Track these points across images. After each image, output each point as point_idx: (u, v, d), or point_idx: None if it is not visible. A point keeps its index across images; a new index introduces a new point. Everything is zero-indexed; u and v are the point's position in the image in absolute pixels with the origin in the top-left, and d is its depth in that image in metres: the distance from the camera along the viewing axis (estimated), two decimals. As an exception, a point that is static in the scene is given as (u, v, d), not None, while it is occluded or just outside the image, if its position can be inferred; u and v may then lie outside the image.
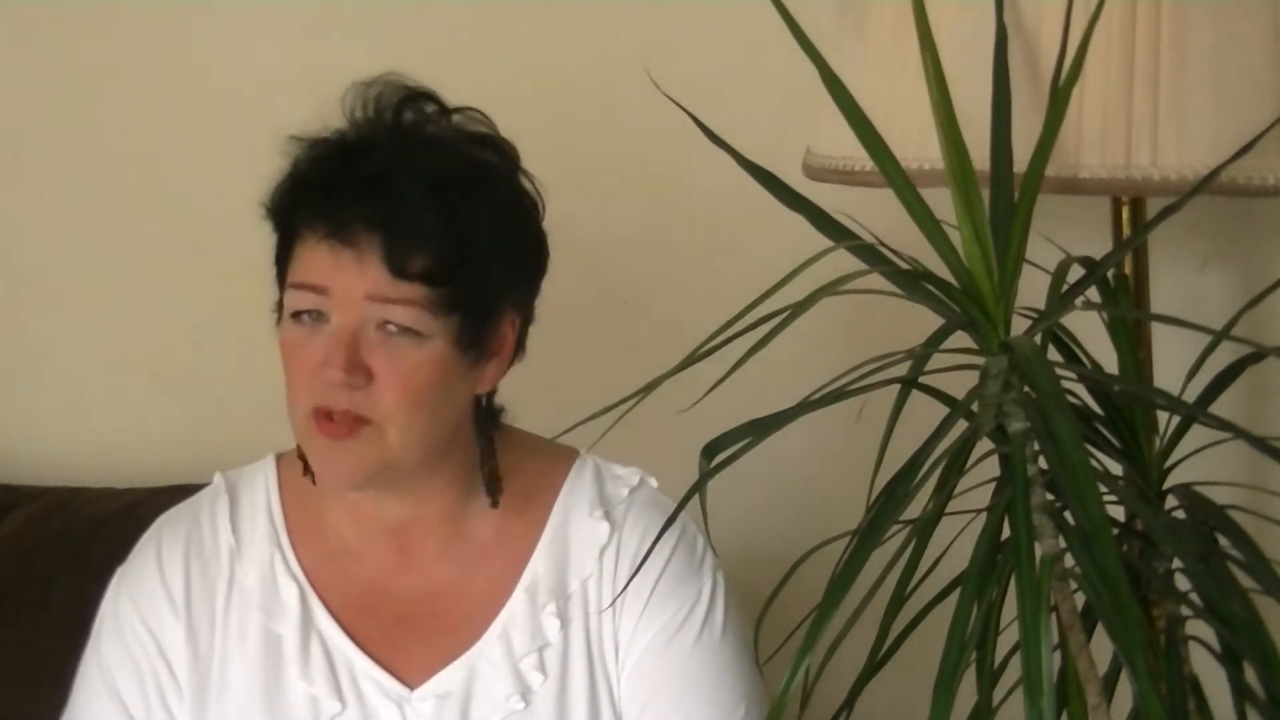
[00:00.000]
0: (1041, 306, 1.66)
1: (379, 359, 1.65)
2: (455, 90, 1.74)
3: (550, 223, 1.76)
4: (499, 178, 1.71)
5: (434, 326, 1.65)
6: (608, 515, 1.77)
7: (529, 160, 1.76)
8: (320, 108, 1.71)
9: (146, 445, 2.39)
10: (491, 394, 1.76)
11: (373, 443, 1.66)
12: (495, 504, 1.75)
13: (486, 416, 1.76)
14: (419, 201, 1.65)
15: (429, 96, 1.72)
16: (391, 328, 1.65)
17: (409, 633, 1.74)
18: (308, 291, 1.66)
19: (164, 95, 2.37)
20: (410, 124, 1.70)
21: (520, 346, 1.75)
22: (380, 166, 1.66)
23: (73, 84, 2.39)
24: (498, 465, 1.76)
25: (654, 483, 1.80)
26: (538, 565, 1.76)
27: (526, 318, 1.75)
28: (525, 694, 1.73)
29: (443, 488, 1.74)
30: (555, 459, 1.80)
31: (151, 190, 2.39)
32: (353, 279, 1.64)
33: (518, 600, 1.75)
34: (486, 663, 1.73)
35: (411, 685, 1.73)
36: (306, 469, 1.75)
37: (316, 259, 1.65)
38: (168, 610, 1.76)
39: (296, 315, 1.67)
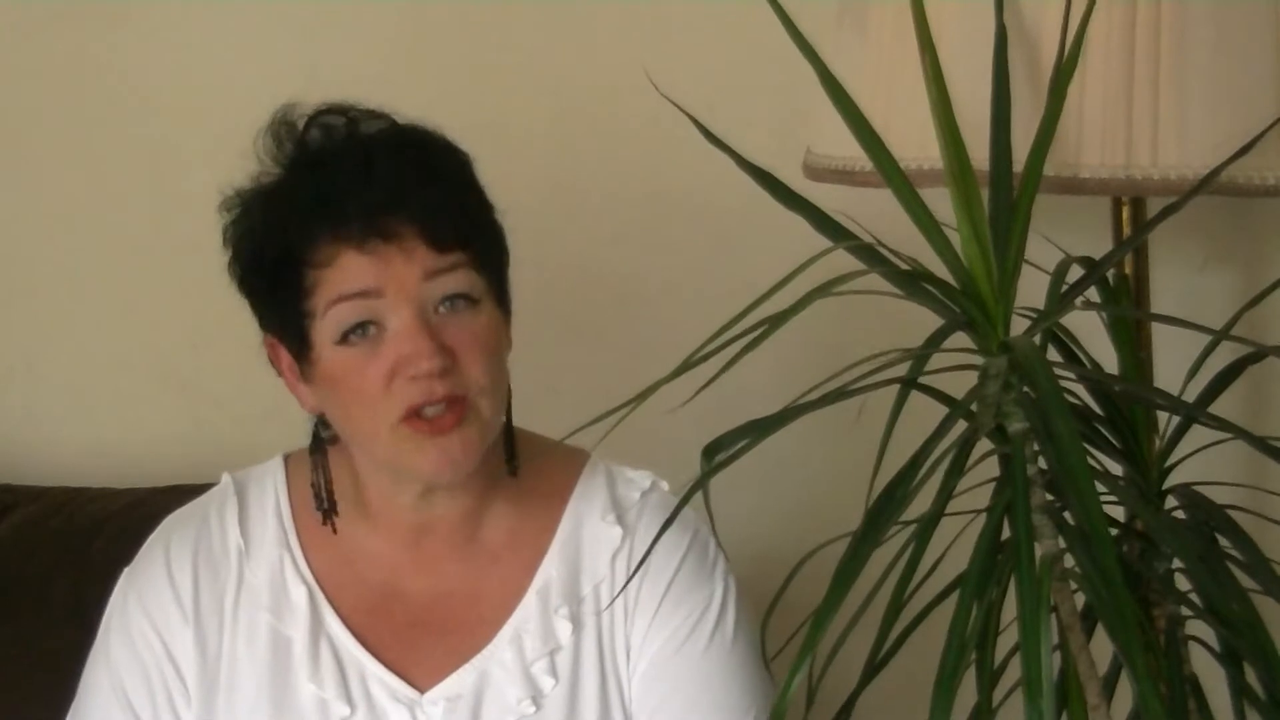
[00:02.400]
0: (1041, 306, 1.66)
1: (452, 335, 1.66)
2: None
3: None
4: (448, 142, 1.73)
5: (481, 287, 1.68)
6: (620, 519, 1.77)
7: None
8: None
9: (147, 445, 2.39)
10: None
11: (474, 422, 1.67)
12: (514, 472, 1.76)
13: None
14: (422, 177, 1.67)
15: (339, 108, 1.71)
16: (446, 305, 1.67)
17: (419, 636, 1.74)
18: (358, 300, 1.65)
19: (164, 95, 2.37)
20: (350, 123, 1.70)
21: None
22: (365, 161, 1.67)
23: (73, 84, 2.39)
24: (515, 437, 1.76)
25: (665, 486, 1.80)
26: (550, 569, 1.76)
27: None
28: (536, 698, 1.73)
29: (468, 486, 1.73)
30: (566, 462, 1.80)
31: (152, 190, 2.39)
32: (404, 269, 1.65)
33: (530, 604, 1.75)
34: (498, 666, 1.73)
35: (422, 688, 1.73)
36: (325, 519, 1.75)
37: (353, 268, 1.65)
38: (176, 612, 1.76)
39: (344, 339, 1.66)
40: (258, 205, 1.71)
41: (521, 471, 1.77)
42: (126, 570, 1.80)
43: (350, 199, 1.65)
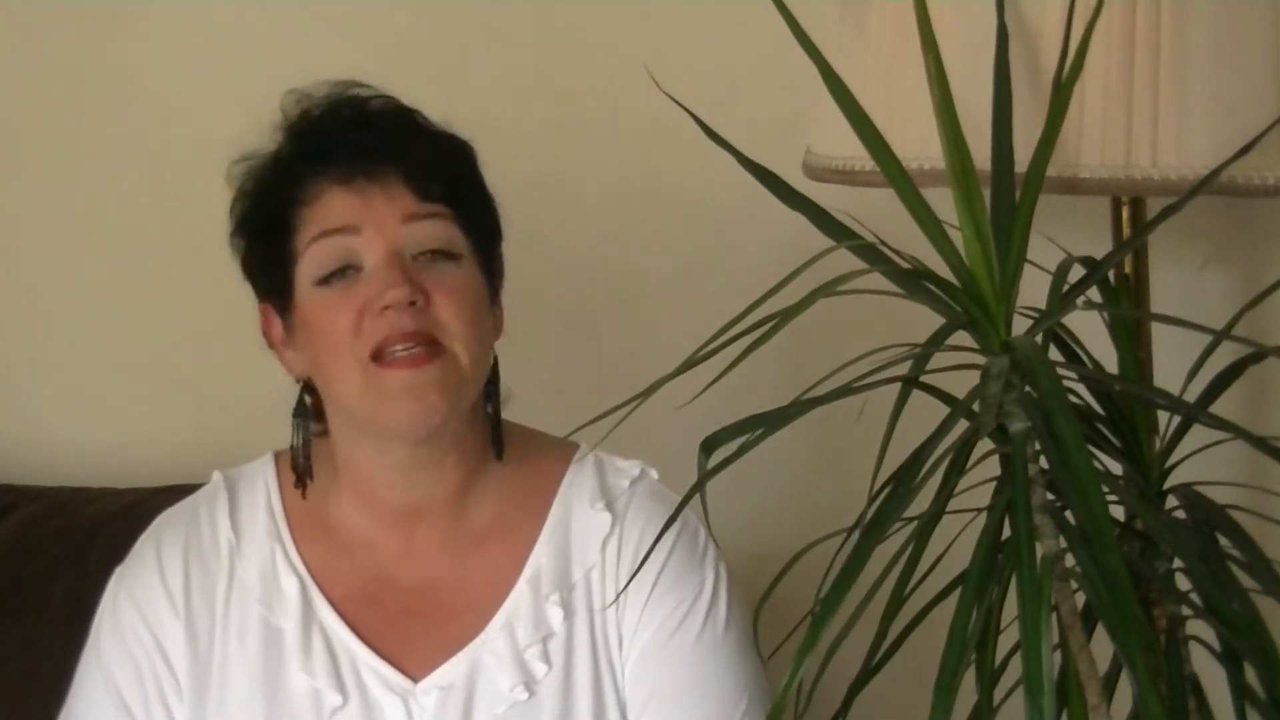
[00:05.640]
0: (1042, 306, 1.66)
1: (428, 279, 1.68)
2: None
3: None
4: (454, 133, 1.76)
5: (463, 245, 1.70)
6: (609, 506, 1.78)
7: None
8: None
9: (146, 445, 2.39)
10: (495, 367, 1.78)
11: (449, 366, 1.68)
12: (500, 456, 1.76)
13: (493, 381, 1.77)
14: (418, 134, 1.72)
15: (355, 83, 1.75)
16: (426, 256, 1.68)
17: (412, 625, 1.75)
18: (337, 237, 1.68)
19: (164, 95, 2.37)
20: (358, 95, 1.74)
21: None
22: (361, 114, 1.71)
23: (73, 84, 2.39)
24: (501, 425, 1.77)
25: (655, 474, 1.81)
26: (540, 556, 1.76)
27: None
28: (530, 684, 1.73)
29: (455, 463, 1.74)
30: (556, 452, 1.81)
31: (151, 190, 2.39)
32: (384, 209, 1.68)
33: (521, 591, 1.75)
34: (490, 654, 1.74)
35: (415, 677, 1.74)
36: (299, 481, 1.77)
37: (336, 205, 1.68)
38: (167, 608, 1.76)
39: (324, 280, 1.68)
40: (256, 166, 1.75)
41: (511, 459, 1.78)
42: (118, 569, 1.81)
43: (341, 141, 1.69)
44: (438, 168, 1.70)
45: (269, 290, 1.74)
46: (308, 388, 1.77)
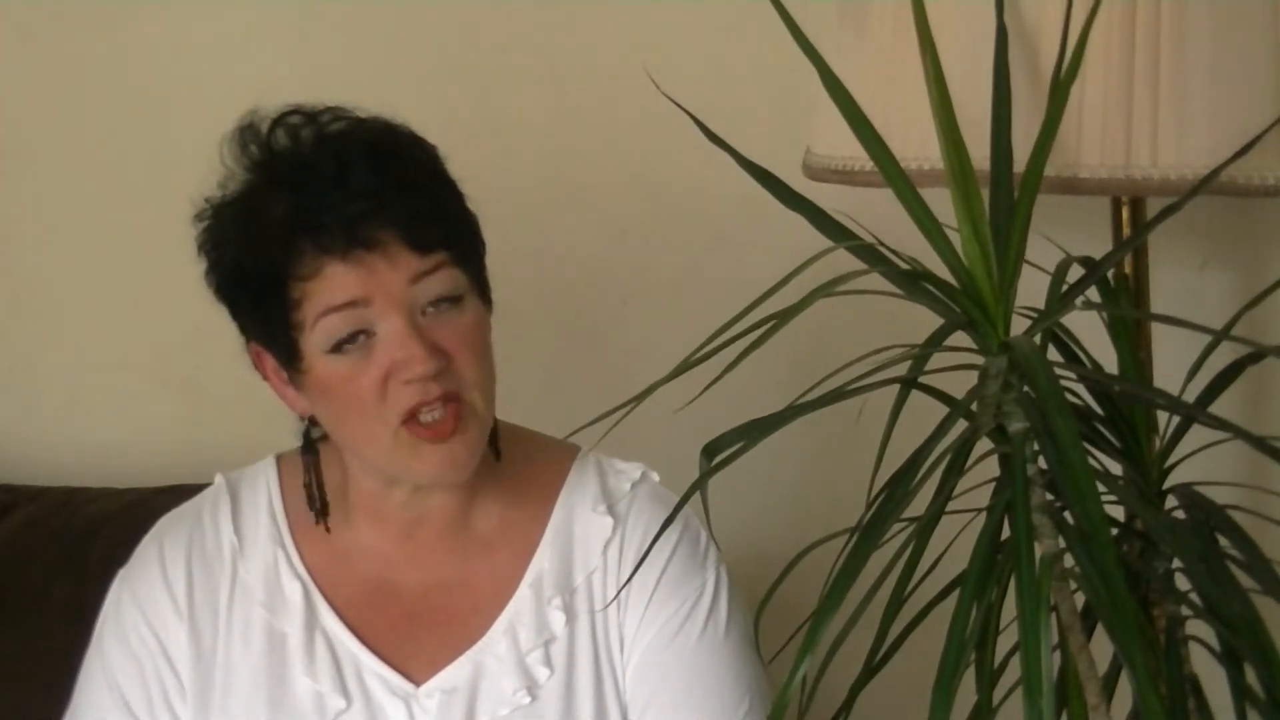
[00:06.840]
0: (1041, 306, 1.66)
1: (443, 335, 1.66)
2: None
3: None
4: (414, 136, 1.72)
5: (464, 284, 1.68)
6: (611, 510, 1.78)
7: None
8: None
9: (146, 445, 2.39)
10: None
11: (471, 420, 1.67)
12: (498, 456, 1.75)
13: None
14: (400, 181, 1.66)
15: (302, 110, 1.70)
16: (431, 307, 1.66)
17: (414, 628, 1.75)
18: (346, 311, 1.64)
19: (164, 95, 2.37)
20: (315, 126, 1.69)
21: None
22: (340, 169, 1.65)
23: (73, 84, 2.39)
24: (497, 426, 1.76)
25: (656, 477, 1.81)
26: (542, 560, 1.76)
27: None
28: (532, 688, 1.73)
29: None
30: (557, 454, 1.81)
31: (151, 190, 2.38)
32: (389, 276, 1.65)
33: (523, 595, 1.75)
34: (492, 658, 1.74)
35: (417, 681, 1.74)
36: (318, 519, 1.76)
37: (339, 280, 1.64)
38: (170, 610, 1.77)
39: (337, 348, 1.65)
40: (231, 215, 1.70)
41: (512, 463, 1.77)
42: (121, 571, 1.81)
43: (330, 210, 1.64)
44: (429, 214, 1.67)
45: (266, 344, 1.72)
46: (311, 421, 1.76)
